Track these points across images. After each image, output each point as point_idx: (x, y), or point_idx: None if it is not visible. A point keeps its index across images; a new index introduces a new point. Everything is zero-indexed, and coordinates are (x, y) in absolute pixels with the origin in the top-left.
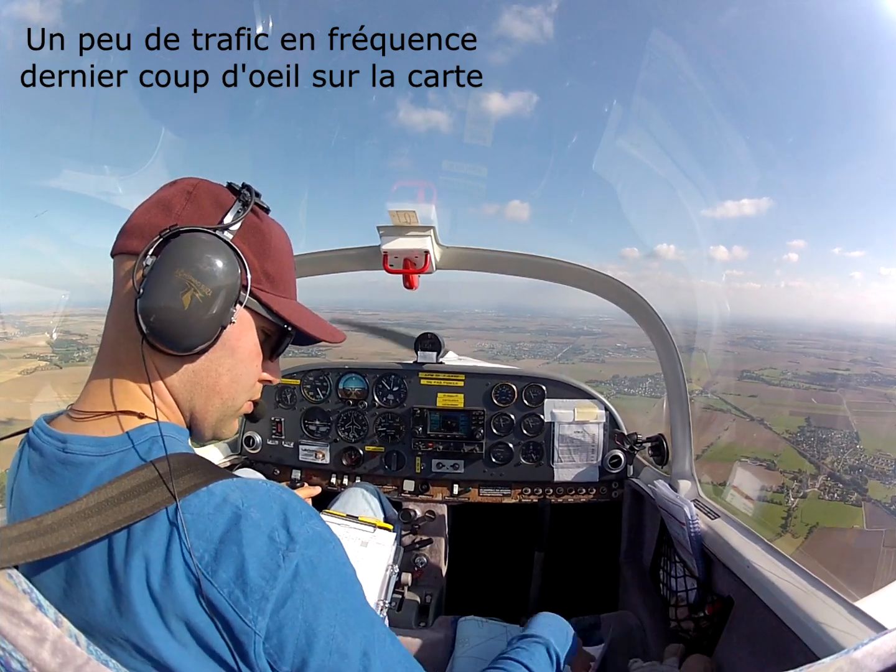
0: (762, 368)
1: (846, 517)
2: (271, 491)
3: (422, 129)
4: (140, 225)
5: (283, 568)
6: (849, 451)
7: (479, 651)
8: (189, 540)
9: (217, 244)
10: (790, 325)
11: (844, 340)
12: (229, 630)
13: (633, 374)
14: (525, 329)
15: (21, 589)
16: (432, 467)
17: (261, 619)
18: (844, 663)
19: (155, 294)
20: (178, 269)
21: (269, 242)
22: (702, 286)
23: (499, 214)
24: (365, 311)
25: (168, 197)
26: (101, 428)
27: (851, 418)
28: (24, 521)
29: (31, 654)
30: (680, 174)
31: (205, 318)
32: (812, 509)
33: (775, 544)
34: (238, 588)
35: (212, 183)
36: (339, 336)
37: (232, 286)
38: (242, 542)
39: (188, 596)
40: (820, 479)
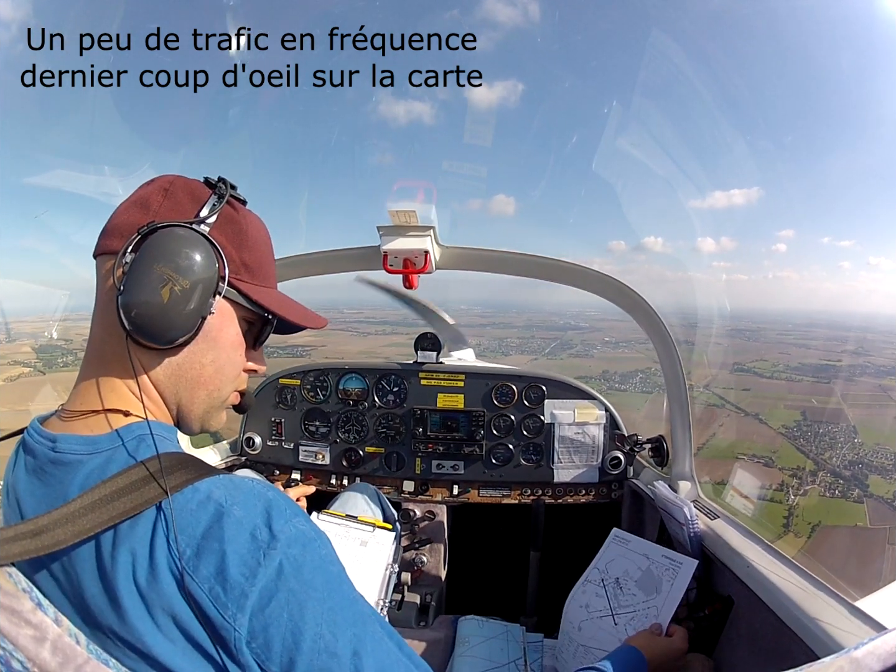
0: (753, 361)
1: (848, 515)
2: (256, 489)
3: (403, 120)
4: (119, 225)
5: (263, 566)
6: (847, 446)
7: (479, 651)
8: (174, 534)
9: (193, 237)
10: (777, 316)
11: (833, 331)
12: (211, 625)
13: (623, 370)
14: (512, 325)
15: (21, 588)
16: (432, 468)
17: (240, 615)
18: (845, 663)
19: (135, 290)
20: (156, 264)
21: (246, 233)
22: (689, 278)
23: (483, 209)
24: (350, 310)
25: (145, 195)
26: (89, 426)
27: (848, 411)
28: (20, 523)
29: (31, 653)
30: (670, 164)
31: (185, 310)
32: (813, 507)
33: (778, 545)
34: (218, 584)
35: (189, 179)
36: (320, 322)
37: (210, 278)
38: (224, 538)
39: (172, 590)
40: (820, 476)
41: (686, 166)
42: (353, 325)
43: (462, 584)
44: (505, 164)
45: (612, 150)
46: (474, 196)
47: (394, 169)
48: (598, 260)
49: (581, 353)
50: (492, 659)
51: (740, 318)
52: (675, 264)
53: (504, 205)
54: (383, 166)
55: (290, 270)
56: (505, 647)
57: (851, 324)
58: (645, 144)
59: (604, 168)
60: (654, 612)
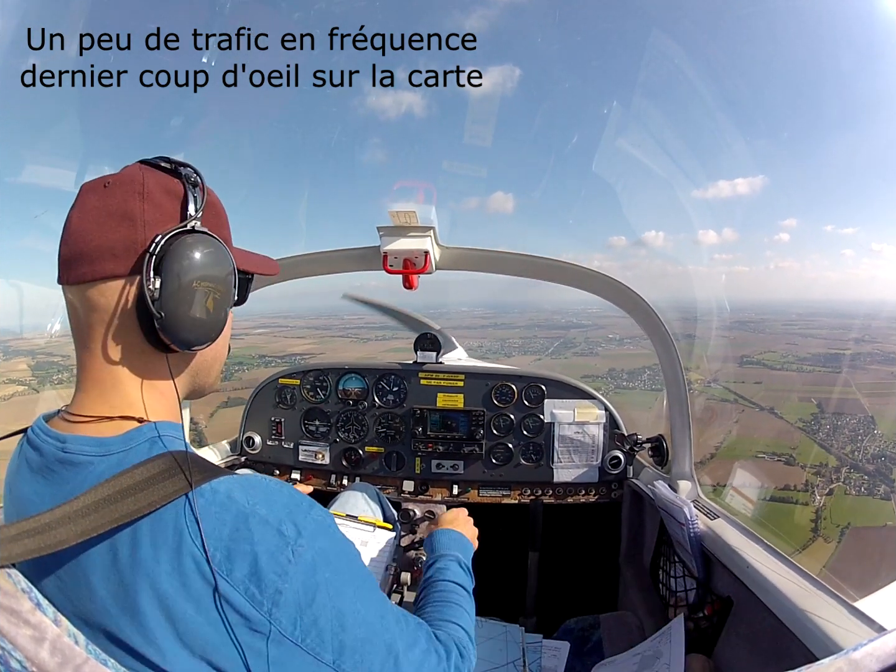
0: (761, 353)
1: (877, 513)
2: (272, 486)
3: (392, 113)
4: (105, 245)
5: (293, 563)
6: (868, 438)
7: (478, 651)
8: (201, 539)
9: (204, 240)
10: (780, 307)
11: (838, 319)
12: (246, 623)
13: (630, 367)
14: (514, 325)
15: (20, 588)
16: (432, 468)
17: (276, 610)
18: (844, 664)
19: (180, 311)
20: (193, 282)
21: (219, 209)
22: (690, 272)
23: (481, 207)
24: (351, 316)
25: (121, 205)
26: (99, 429)
27: (864, 401)
28: (22, 521)
29: (30, 653)
30: (670, 155)
31: (224, 311)
32: (840, 507)
33: (809, 555)
34: (253, 584)
35: (149, 171)
36: (274, 268)
37: (231, 272)
38: (253, 539)
39: (201, 595)
40: (843, 472)
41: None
42: (353, 332)
43: None
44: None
45: (613, 146)
46: (472, 194)
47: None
48: (598, 256)
49: (585, 351)
50: (490, 659)
51: (743, 310)
52: (676, 258)
53: (503, 202)
54: (376, 163)
55: (292, 270)
56: (504, 648)
57: (855, 311)
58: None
59: (604, 164)
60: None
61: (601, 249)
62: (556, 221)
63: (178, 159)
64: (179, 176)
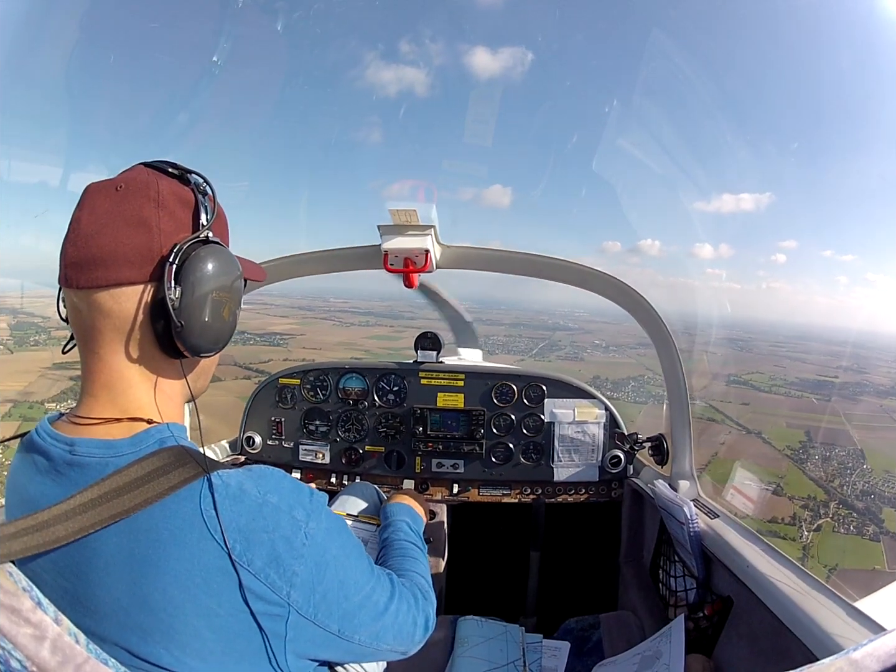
0: (749, 373)
1: (866, 555)
2: (276, 474)
3: (392, 90)
4: (121, 251)
5: (307, 545)
6: (857, 473)
7: (478, 651)
8: (219, 531)
9: (217, 251)
10: (767, 327)
11: (826, 345)
12: (266, 606)
13: (614, 376)
14: (499, 322)
15: (21, 586)
16: (432, 467)
17: (293, 591)
18: (844, 664)
19: (199, 320)
20: (211, 293)
21: (223, 217)
22: (681, 284)
23: (476, 199)
24: (336, 299)
25: (135, 212)
26: (109, 431)
27: (853, 433)
28: (20, 518)
29: (30, 652)
30: (674, 165)
31: (236, 318)
32: (828, 545)
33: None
34: (272, 570)
35: (160, 177)
36: (262, 274)
37: (240, 280)
38: (269, 527)
39: (222, 589)
40: (832, 507)
41: (692, 168)
42: (336, 315)
43: (461, 584)
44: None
45: (614, 149)
46: (468, 185)
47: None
48: (587, 259)
49: (571, 355)
50: (491, 659)
51: (731, 328)
52: (668, 269)
53: (500, 195)
54: (370, 141)
55: (292, 269)
56: (504, 648)
57: (844, 339)
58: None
59: (605, 166)
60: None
61: (592, 253)
62: (551, 220)
63: (183, 165)
64: (189, 184)
